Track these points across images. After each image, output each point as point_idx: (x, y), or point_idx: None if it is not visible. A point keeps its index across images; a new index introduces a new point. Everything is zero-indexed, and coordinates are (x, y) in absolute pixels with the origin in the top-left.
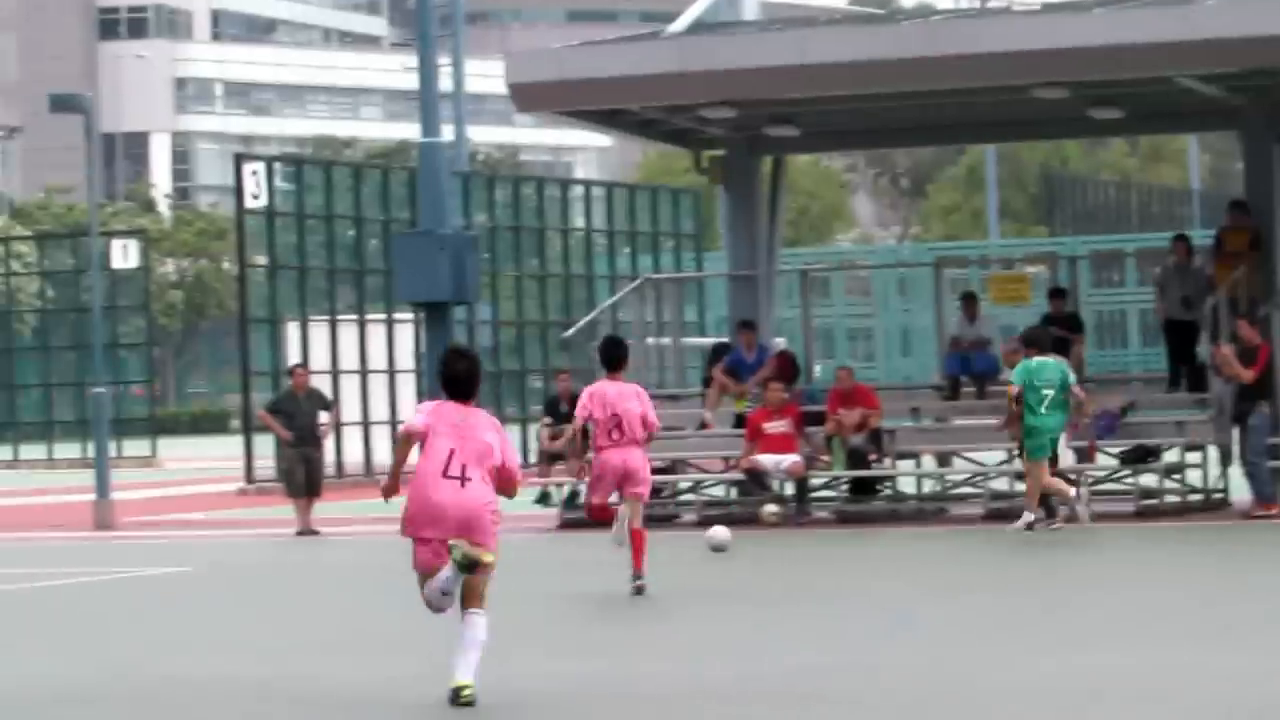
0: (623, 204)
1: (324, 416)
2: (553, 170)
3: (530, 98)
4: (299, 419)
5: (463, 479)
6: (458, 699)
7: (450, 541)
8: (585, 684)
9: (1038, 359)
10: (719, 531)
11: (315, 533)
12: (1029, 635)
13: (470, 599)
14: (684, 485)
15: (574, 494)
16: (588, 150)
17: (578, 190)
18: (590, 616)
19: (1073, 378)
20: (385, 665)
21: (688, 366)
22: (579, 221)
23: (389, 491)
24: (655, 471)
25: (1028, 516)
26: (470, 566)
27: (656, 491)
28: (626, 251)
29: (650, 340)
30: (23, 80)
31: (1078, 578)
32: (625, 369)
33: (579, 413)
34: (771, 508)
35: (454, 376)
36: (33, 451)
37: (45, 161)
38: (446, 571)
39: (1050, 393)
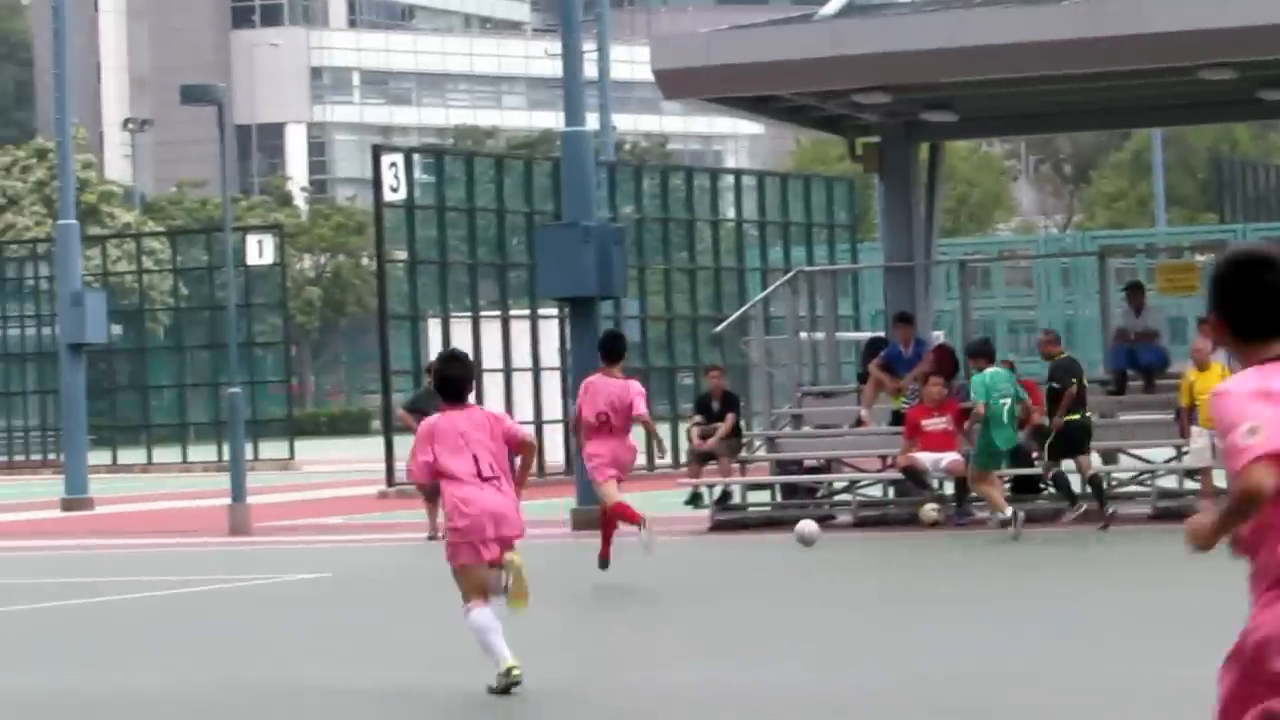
0: (774, 194)
1: None
2: (702, 159)
3: (677, 84)
4: None
5: (495, 480)
6: (508, 683)
7: (507, 556)
8: (737, 691)
9: (990, 370)
10: (807, 525)
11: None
12: (1196, 636)
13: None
14: (839, 485)
15: (726, 494)
16: (738, 138)
17: (728, 180)
18: (744, 621)
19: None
20: (537, 669)
21: (842, 362)
22: (729, 212)
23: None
24: (810, 470)
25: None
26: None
27: (811, 491)
28: (779, 243)
29: (803, 335)
30: (154, 71)
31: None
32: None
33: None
34: (931, 508)
35: (450, 378)
36: (167, 455)
37: (178, 155)
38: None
39: (1006, 402)
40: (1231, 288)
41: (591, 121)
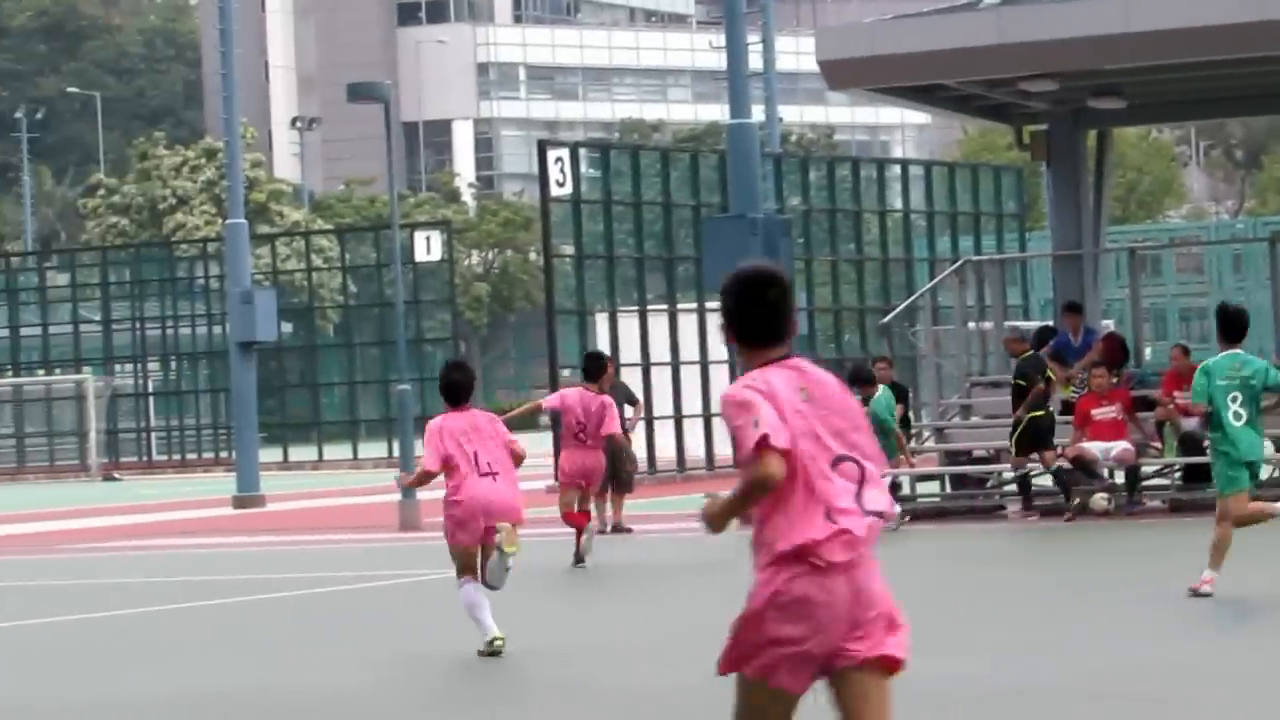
0: (942, 183)
1: (629, 411)
2: (869, 150)
3: (842, 75)
4: None
5: (493, 474)
6: (490, 651)
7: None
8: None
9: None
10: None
11: (627, 530)
12: None
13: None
14: (1008, 475)
15: (895, 485)
16: (905, 128)
17: (895, 170)
18: (913, 612)
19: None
20: (700, 666)
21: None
22: (896, 203)
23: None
24: (978, 461)
25: None
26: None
27: (980, 482)
28: (946, 233)
29: (971, 325)
30: (322, 70)
31: None
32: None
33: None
34: (1101, 497)
35: (455, 384)
36: (337, 451)
37: (346, 153)
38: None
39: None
40: (737, 303)
41: (757, 114)
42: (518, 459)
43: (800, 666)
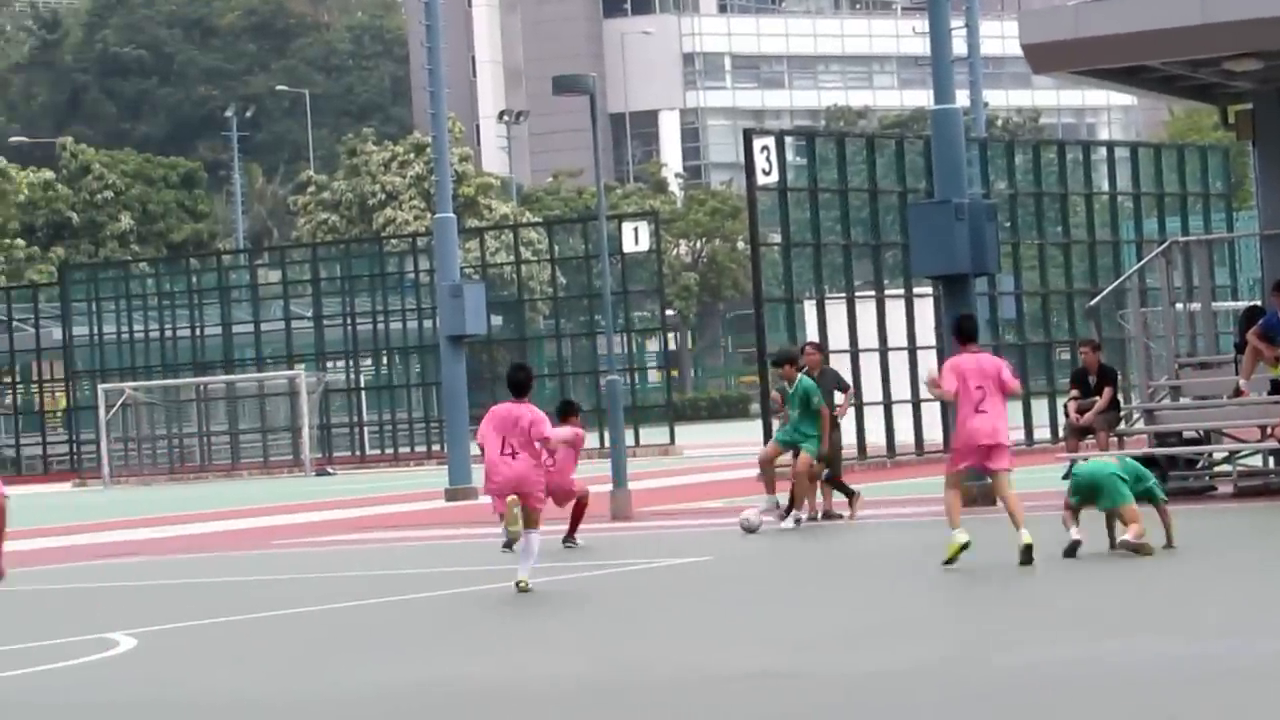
0: (1148, 165)
1: (839, 397)
2: (1075, 132)
3: (1046, 58)
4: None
5: (513, 454)
6: (518, 588)
7: (509, 499)
8: (1107, 662)
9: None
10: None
11: (838, 517)
12: None
13: (529, 523)
14: (1219, 456)
15: None
16: (1111, 110)
17: (1101, 152)
18: (1114, 594)
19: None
20: (912, 650)
21: (1220, 332)
22: (1103, 185)
23: None
24: (1189, 442)
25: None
26: (527, 516)
27: (1191, 463)
28: (1153, 214)
29: (1179, 306)
30: (528, 63)
31: None
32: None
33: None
34: None
35: (513, 382)
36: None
37: (553, 145)
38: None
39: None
40: None
41: (962, 98)
42: (546, 444)
43: None
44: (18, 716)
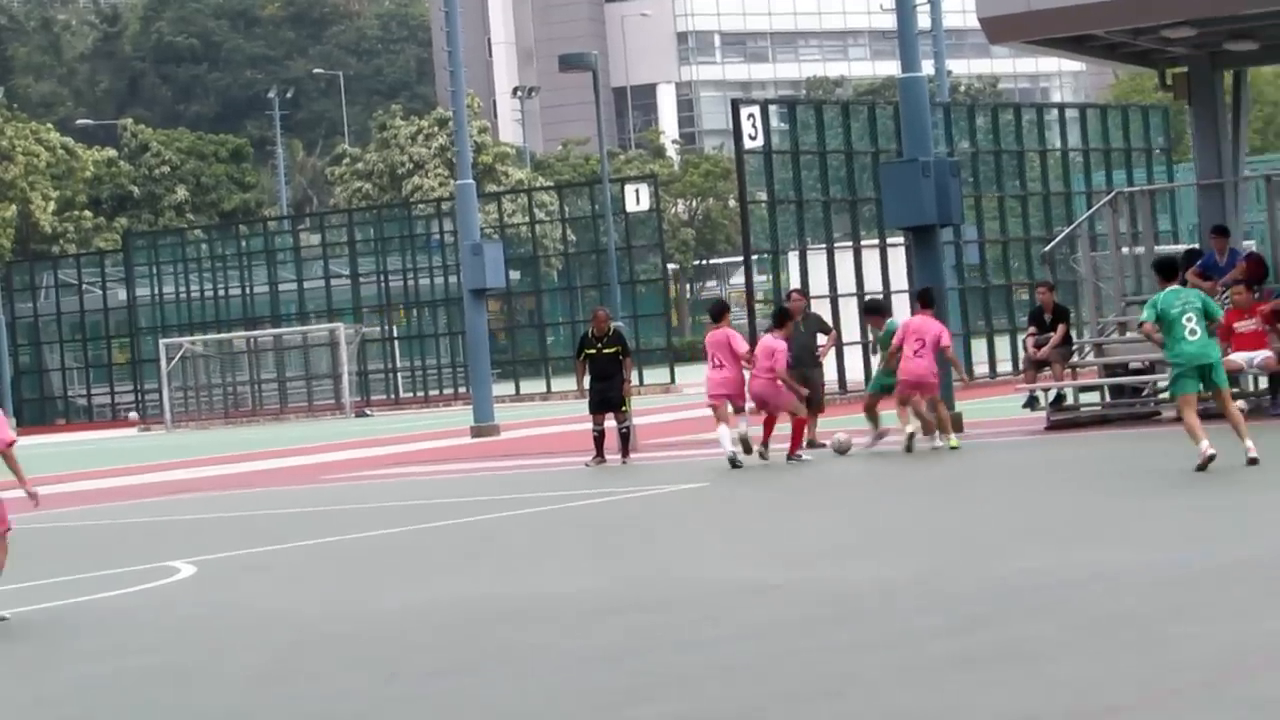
0: (1096, 124)
1: (822, 339)
2: (1030, 96)
3: (1001, 29)
4: (798, 340)
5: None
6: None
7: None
8: (1067, 573)
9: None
10: (840, 438)
11: (821, 445)
12: None
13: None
14: (1162, 384)
15: (1060, 397)
16: (1062, 75)
17: (1053, 113)
18: (1076, 510)
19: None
20: (896, 563)
21: None
22: (1055, 142)
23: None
24: (1135, 373)
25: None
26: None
27: (1137, 391)
28: (1101, 168)
29: (1125, 250)
30: (539, 43)
31: None
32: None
33: None
34: (1239, 403)
35: (713, 312)
36: (563, 383)
37: (562, 117)
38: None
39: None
40: None
41: (927, 68)
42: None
43: None
44: (95, 634)
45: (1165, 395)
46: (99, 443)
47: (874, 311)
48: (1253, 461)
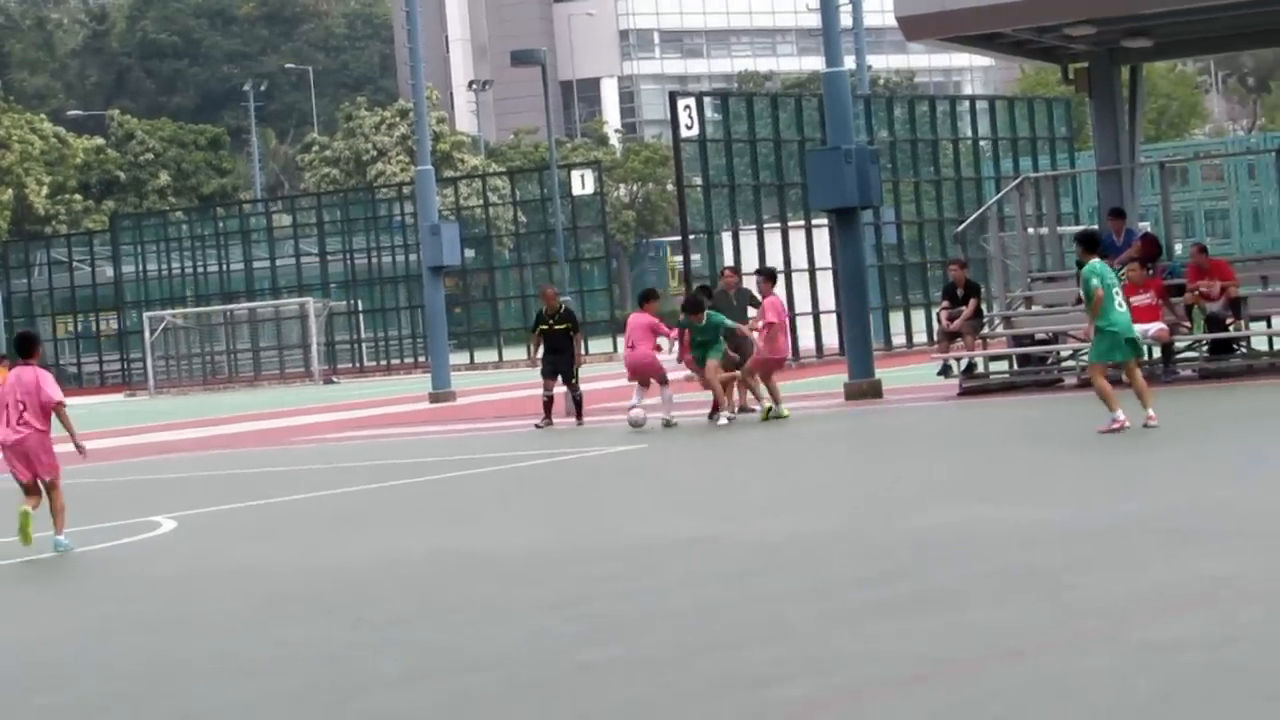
0: (1004, 115)
1: (752, 312)
2: (944, 89)
3: (917, 27)
4: (730, 313)
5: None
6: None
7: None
8: (998, 528)
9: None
10: (635, 413)
11: (752, 411)
12: None
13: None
14: (1065, 354)
15: (971, 366)
16: (973, 70)
17: (965, 105)
18: (993, 467)
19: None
20: (821, 517)
21: (1065, 251)
22: (967, 131)
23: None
24: (1040, 343)
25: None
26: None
27: (1042, 360)
28: (1009, 155)
29: (1030, 230)
30: (492, 40)
31: None
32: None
33: None
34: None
35: (640, 297)
36: (515, 353)
37: (513, 108)
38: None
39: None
40: None
41: (849, 63)
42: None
43: None
44: (85, 584)
45: (1070, 364)
46: (89, 407)
47: (693, 309)
48: (1149, 426)
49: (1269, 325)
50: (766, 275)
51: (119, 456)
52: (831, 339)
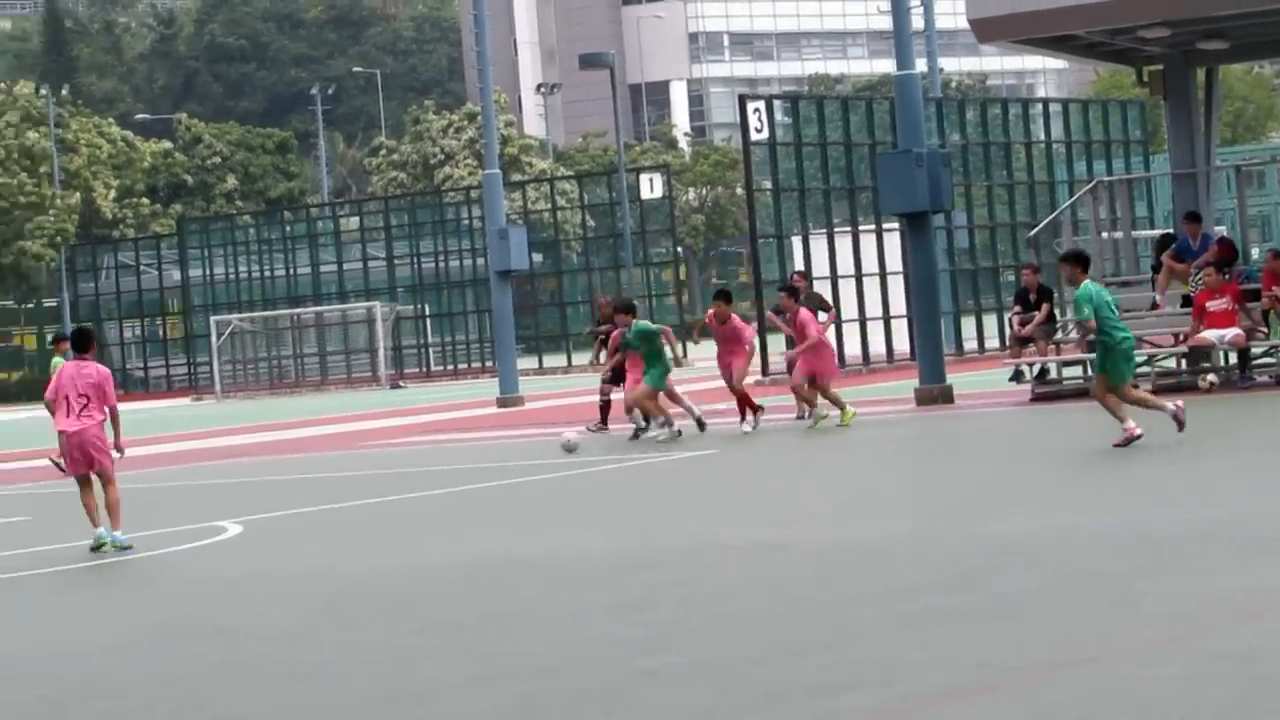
0: (1078, 117)
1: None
2: (1016, 92)
3: (989, 29)
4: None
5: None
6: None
7: None
8: (1056, 535)
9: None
10: (569, 435)
11: (824, 416)
12: None
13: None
14: (1140, 359)
15: (1044, 371)
16: (1046, 72)
17: (1038, 108)
18: (1057, 475)
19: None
20: (881, 525)
21: (1140, 255)
22: (1040, 135)
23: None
24: None
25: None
26: None
27: None
28: (1083, 159)
29: (1104, 235)
30: (561, 43)
31: None
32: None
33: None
34: (1210, 377)
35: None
36: (583, 358)
37: (582, 112)
38: None
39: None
40: None
41: (921, 65)
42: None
43: None
44: (149, 588)
45: (1146, 369)
46: (154, 411)
47: (624, 310)
48: (1123, 444)
49: None
50: (789, 292)
51: (184, 461)
52: (902, 344)
